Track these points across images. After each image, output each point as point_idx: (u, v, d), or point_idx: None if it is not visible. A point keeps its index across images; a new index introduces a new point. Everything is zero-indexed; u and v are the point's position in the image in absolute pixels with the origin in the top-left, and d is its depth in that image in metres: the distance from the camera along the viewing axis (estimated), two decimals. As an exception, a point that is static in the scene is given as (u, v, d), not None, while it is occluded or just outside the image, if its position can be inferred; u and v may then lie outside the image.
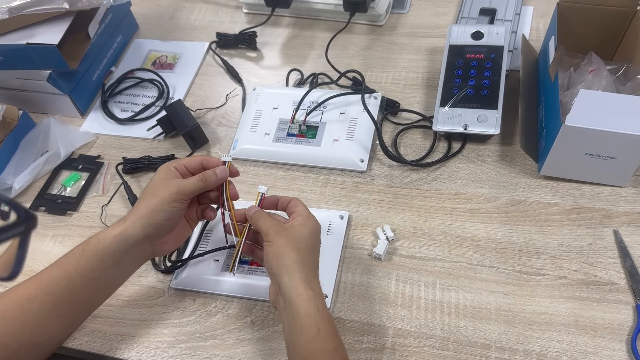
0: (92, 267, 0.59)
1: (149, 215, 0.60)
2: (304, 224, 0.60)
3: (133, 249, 0.60)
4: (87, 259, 0.59)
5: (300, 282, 0.55)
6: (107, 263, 0.59)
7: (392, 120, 0.85)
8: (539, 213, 0.72)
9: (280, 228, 0.59)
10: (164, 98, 0.94)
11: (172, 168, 0.63)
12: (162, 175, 0.63)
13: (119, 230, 0.59)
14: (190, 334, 0.67)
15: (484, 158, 0.79)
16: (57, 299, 0.58)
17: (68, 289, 0.58)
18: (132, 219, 0.60)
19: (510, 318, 0.64)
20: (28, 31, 0.84)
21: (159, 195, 0.60)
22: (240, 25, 1.03)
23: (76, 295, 0.59)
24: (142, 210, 0.60)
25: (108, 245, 0.59)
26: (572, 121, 0.64)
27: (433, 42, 0.95)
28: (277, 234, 0.58)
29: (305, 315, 0.54)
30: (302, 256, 0.57)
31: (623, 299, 0.64)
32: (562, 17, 0.78)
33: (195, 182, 0.62)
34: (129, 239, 0.59)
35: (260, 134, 0.84)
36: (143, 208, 0.60)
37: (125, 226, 0.59)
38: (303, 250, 0.58)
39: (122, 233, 0.59)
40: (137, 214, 0.60)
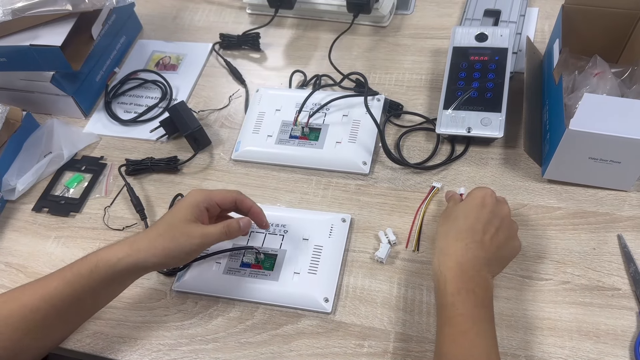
0: (100, 287, 0.59)
1: (165, 256, 0.60)
2: (465, 200, 0.65)
3: (140, 274, 0.63)
4: (96, 280, 0.59)
5: (437, 253, 0.61)
6: (116, 283, 0.61)
7: (395, 123, 0.85)
8: (543, 217, 0.72)
9: (447, 207, 0.69)
10: (167, 99, 0.94)
11: (203, 208, 0.63)
12: (188, 215, 0.61)
13: (131, 261, 0.59)
14: (192, 336, 0.67)
15: (487, 161, 0.78)
16: (61, 312, 0.59)
17: (74, 304, 0.59)
18: (145, 253, 0.59)
19: (513, 323, 0.64)
20: (31, 33, 0.84)
21: (179, 242, 0.60)
22: (243, 26, 1.03)
23: (81, 308, 0.61)
24: (158, 248, 0.59)
25: (119, 272, 0.59)
26: (576, 125, 0.64)
27: (437, 44, 0.95)
28: (443, 213, 0.68)
29: None
30: (446, 225, 0.63)
31: (626, 305, 0.64)
32: (567, 19, 0.78)
33: (218, 235, 0.62)
34: (139, 268, 0.60)
35: (263, 135, 0.84)
36: (160, 248, 0.60)
37: (138, 257, 0.59)
38: (451, 220, 0.63)
39: (134, 263, 0.59)
40: (153, 248, 0.59)
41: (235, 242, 0.73)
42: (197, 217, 0.62)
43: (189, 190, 0.80)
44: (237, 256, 0.72)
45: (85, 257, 0.60)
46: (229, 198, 0.65)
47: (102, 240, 0.77)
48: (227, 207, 0.66)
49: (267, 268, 0.71)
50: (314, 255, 0.71)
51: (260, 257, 0.71)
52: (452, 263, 0.58)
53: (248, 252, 0.72)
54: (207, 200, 0.63)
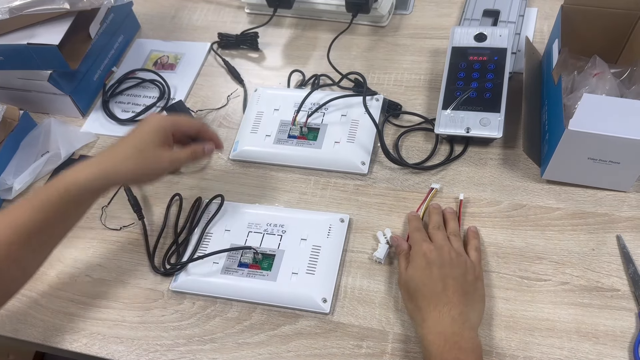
0: (70, 210, 0.61)
1: (133, 179, 0.66)
2: (411, 264, 0.65)
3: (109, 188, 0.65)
4: (66, 204, 0.59)
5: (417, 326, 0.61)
6: (85, 205, 0.63)
7: (394, 123, 0.85)
8: (541, 217, 0.71)
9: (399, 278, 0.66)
10: (165, 99, 0.93)
11: (169, 134, 0.65)
12: (156, 139, 0.63)
13: (100, 183, 0.61)
14: (189, 337, 0.67)
15: (486, 161, 0.78)
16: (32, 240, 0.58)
17: (45, 231, 0.59)
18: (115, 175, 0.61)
19: (512, 324, 0.64)
20: (29, 31, 0.83)
21: (147, 166, 0.63)
22: (242, 26, 1.03)
23: (52, 235, 0.61)
24: (128, 172, 0.62)
25: (89, 192, 0.61)
26: (575, 126, 0.64)
27: (436, 44, 0.95)
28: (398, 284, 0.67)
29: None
30: (413, 301, 0.62)
31: (625, 306, 0.63)
32: (566, 20, 0.78)
33: (185, 159, 0.67)
34: (107, 188, 0.63)
35: (261, 135, 0.84)
36: (130, 171, 0.62)
37: (107, 179, 0.61)
38: (413, 294, 0.62)
39: (103, 185, 0.61)
40: (123, 171, 0.62)
41: (232, 242, 0.73)
42: (164, 141, 0.64)
43: (186, 190, 0.80)
44: (234, 256, 0.72)
45: (50, 183, 0.60)
46: (195, 126, 0.69)
47: (99, 240, 0.77)
48: (191, 134, 0.69)
49: (265, 268, 0.70)
50: (312, 255, 0.70)
51: (258, 257, 0.71)
52: (432, 336, 0.57)
53: (246, 252, 0.71)
54: (173, 125, 0.66)
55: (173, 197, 0.80)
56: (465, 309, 0.59)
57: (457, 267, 0.62)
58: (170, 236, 0.76)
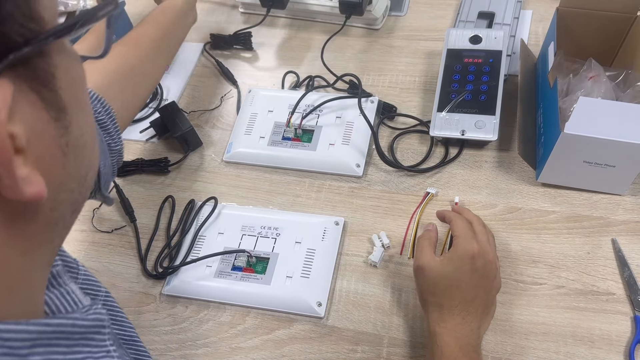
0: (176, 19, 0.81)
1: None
2: (454, 259, 0.58)
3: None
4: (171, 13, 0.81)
5: (434, 320, 0.57)
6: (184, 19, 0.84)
7: (389, 125, 0.84)
8: (537, 221, 0.71)
9: (424, 265, 0.59)
10: (158, 100, 0.92)
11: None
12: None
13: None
14: (182, 341, 0.66)
15: (481, 164, 0.78)
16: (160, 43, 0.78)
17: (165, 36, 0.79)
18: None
19: (507, 328, 0.63)
20: (19, 31, 0.82)
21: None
22: (236, 26, 1.02)
23: (167, 40, 0.80)
24: None
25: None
26: (571, 129, 0.64)
27: (431, 46, 0.94)
28: (419, 270, 0.60)
29: (431, 353, 0.57)
30: (437, 298, 0.58)
31: (621, 310, 0.63)
32: (562, 22, 0.78)
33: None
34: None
35: (255, 137, 0.83)
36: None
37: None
38: (440, 291, 0.58)
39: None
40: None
41: (226, 246, 0.72)
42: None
43: (179, 192, 0.80)
44: (228, 259, 0.71)
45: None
46: None
47: (90, 243, 0.76)
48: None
49: (259, 272, 0.70)
50: (306, 258, 0.70)
51: (252, 260, 0.70)
52: (448, 338, 0.56)
53: (240, 256, 0.71)
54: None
55: (165, 199, 0.79)
56: (482, 324, 0.58)
57: (493, 279, 0.60)
58: (163, 239, 0.75)
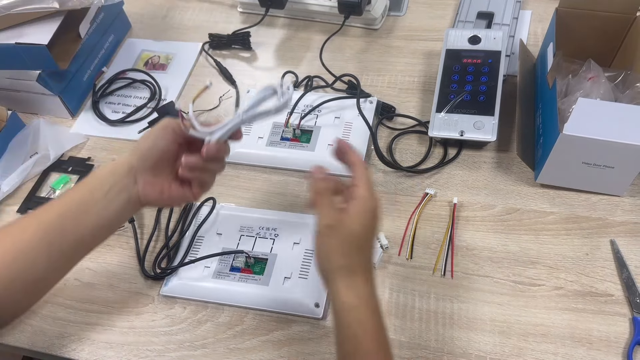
0: (82, 198, 0.58)
1: (136, 146, 0.59)
2: (359, 214, 0.53)
3: (119, 182, 0.58)
4: (78, 190, 0.58)
5: (345, 289, 0.51)
6: (96, 195, 0.57)
7: (388, 125, 0.84)
8: (535, 222, 0.71)
9: (334, 222, 0.53)
10: (156, 99, 0.92)
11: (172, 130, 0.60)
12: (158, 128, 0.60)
13: (110, 165, 0.59)
14: (180, 342, 0.66)
15: (480, 165, 0.78)
16: (47, 229, 0.56)
17: (59, 220, 0.57)
18: (125, 155, 0.60)
19: (505, 329, 0.63)
20: (17, 30, 0.82)
21: (149, 131, 0.60)
22: (234, 26, 1.02)
23: (65, 226, 0.57)
24: (132, 147, 0.60)
25: (97, 175, 0.59)
26: (570, 130, 0.63)
27: (430, 46, 0.94)
28: (328, 228, 0.53)
29: (347, 325, 0.51)
30: (351, 260, 0.52)
31: (619, 311, 0.63)
32: (561, 23, 0.77)
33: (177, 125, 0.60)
34: (117, 169, 0.58)
35: (253, 137, 0.83)
36: (134, 146, 0.60)
37: (114, 162, 0.59)
38: (352, 252, 0.53)
39: (111, 164, 0.59)
40: (128, 152, 0.60)
41: (224, 246, 0.72)
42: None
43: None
44: (226, 260, 0.71)
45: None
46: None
47: (89, 243, 0.76)
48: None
49: (257, 272, 0.69)
50: (305, 259, 0.70)
51: (250, 261, 0.70)
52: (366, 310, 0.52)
53: (238, 256, 0.71)
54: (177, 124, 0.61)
55: (164, 200, 0.79)
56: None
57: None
58: (161, 239, 0.75)
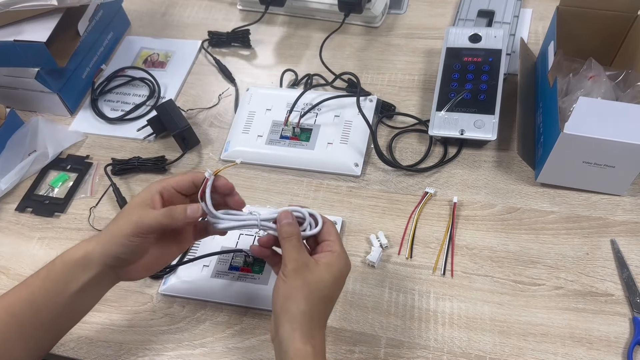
0: (56, 290, 0.53)
1: (108, 245, 0.53)
2: (330, 266, 0.53)
3: (96, 276, 0.54)
4: (53, 280, 0.53)
5: (300, 335, 0.49)
6: (71, 288, 0.53)
7: (388, 124, 0.84)
8: (536, 221, 0.71)
9: (302, 267, 0.52)
10: (155, 97, 0.92)
11: (155, 192, 0.55)
12: (139, 200, 0.55)
13: (81, 254, 0.53)
14: (179, 341, 0.66)
15: (480, 164, 0.78)
16: (21, 322, 0.53)
17: (32, 311, 0.53)
18: (96, 241, 0.54)
19: (505, 329, 0.63)
20: (15, 28, 0.82)
21: (119, 225, 0.53)
22: (234, 23, 1.01)
23: (40, 318, 0.53)
24: (105, 237, 0.54)
25: (71, 269, 0.53)
26: (570, 129, 0.63)
27: (430, 44, 0.94)
28: (295, 272, 0.51)
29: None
30: (313, 307, 0.51)
31: (620, 311, 0.63)
32: (562, 22, 0.77)
33: (157, 217, 0.53)
34: (91, 265, 0.53)
35: (253, 135, 0.83)
36: (107, 234, 0.54)
37: (87, 251, 0.53)
38: (316, 300, 0.51)
39: (83, 257, 0.53)
40: (102, 238, 0.54)
41: (223, 245, 0.72)
42: (147, 202, 0.55)
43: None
44: (225, 259, 0.71)
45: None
46: (186, 178, 0.57)
47: (87, 242, 0.76)
48: (185, 188, 0.57)
49: (256, 271, 0.69)
50: (304, 258, 0.69)
51: (249, 260, 0.70)
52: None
53: (237, 255, 0.70)
54: (160, 184, 0.56)
55: (163, 198, 0.78)
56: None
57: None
58: (160, 238, 0.75)
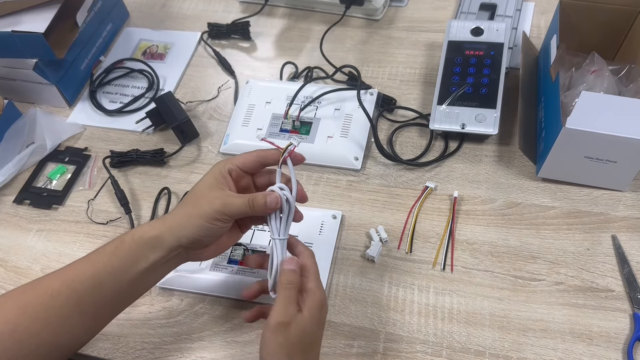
0: (123, 267, 0.53)
1: (186, 227, 0.53)
2: (311, 309, 0.53)
3: (167, 255, 0.54)
4: (119, 257, 0.53)
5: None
6: (140, 266, 0.53)
7: (388, 118, 0.83)
8: (536, 216, 0.71)
9: (289, 321, 0.51)
10: (154, 89, 0.91)
11: (225, 173, 0.55)
12: (212, 180, 0.55)
13: (155, 233, 0.53)
14: (177, 334, 0.65)
15: (481, 158, 0.77)
16: (82, 298, 0.52)
17: (96, 288, 0.53)
18: (170, 223, 0.54)
19: (505, 324, 0.63)
20: (13, 18, 0.81)
21: (200, 207, 0.53)
22: (234, 15, 1.00)
23: (103, 295, 0.53)
24: (180, 219, 0.54)
25: (142, 247, 0.53)
26: (573, 124, 0.63)
27: (431, 37, 0.93)
28: (281, 326, 0.51)
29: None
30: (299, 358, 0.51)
31: (620, 307, 0.63)
32: (564, 15, 0.76)
33: (241, 206, 0.53)
34: (164, 245, 0.53)
35: (252, 128, 0.82)
36: (183, 216, 0.54)
37: (161, 231, 0.53)
38: (299, 351, 0.51)
39: (157, 237, 0.53)
40: (176, 220, 0.54)
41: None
42: (220, 182, 0.55)
43: (175, 183, 0.79)
44: (224, 253, 0.70)
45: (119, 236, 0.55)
46: (250, 156, 0.57)
47: (85, 234, 0.75)
48: (251, 167, 0.57)
49: (255, 265, 0.69)
50: (303, 252, 0.69)
51: (249, 253, 0.70)
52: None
53: (235, 249, 0.70)
54: (228, 164, 0.56)
55: (161, 191, 0.78)
56: None
57: None
58: (159, 231, 0.74)
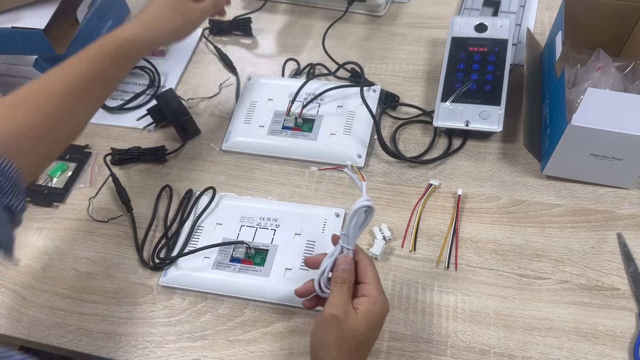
0: (119, 68, 0.65)
1: (174, 30, 0.71)
2: (368, 313, 0.51)
3: (152, 49, 0.72)
4: (118, 61, 0.64)
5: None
6: (130, 64, 0.67)
7: (391, 115, 0.83)
8: (541, 214, 0.70)
9: (341, 314, 0.51)
10: (155, 86, 0.90)
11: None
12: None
13: (147, 39, 0.67)
14: (179, 333, 0.65)
15: (485, 156, 0.76)
16: (84, 92, 0.61)
17: (95, 85, 0.62)
18: (159, 30, 0.68)
19: (510, 323, 0.62)
20: (13, 14, 0.80)
21: (185, 18, 0.71)
22: (235, 11, 1.00)
23: (102, 89, 0.64)
24: (171, 24, 0.69)
25: (139, 51, 0.67)
26: (578, 121, 0.62)
27: (435, 34, 0.92)
28: (333, 319, 0.50)
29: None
30: (343, 355, 0.51)
31: (626, 306, 0.62)
32: (569, 11, 0.76)
33: (210, 7, 0.73)
34: (153, 44, 0.69)
35: (254, 126, 0.82)
36: (172, 23, 0.70)
37: (153, 35, 0.68)
38: (348, 348, 0.51)
39: (149, 42, 0.68)
40: (166, 24, 0.69)
41: (224, 236, 0.71)
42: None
43: (177, 181, 0.78)
44: (226, 251, 0.70)
45: (99, 41, 0.63)
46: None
47: (86, 232, 0.75)
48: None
49: (257, 263, 0.68)
50: (306, 250, 0.69)
51: (251, 252, 0.69)
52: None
53: (238, 247, 0.70)
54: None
55: (163, 189, 0.77)
56: None
57: None
58: (160, 229, 0.74)
